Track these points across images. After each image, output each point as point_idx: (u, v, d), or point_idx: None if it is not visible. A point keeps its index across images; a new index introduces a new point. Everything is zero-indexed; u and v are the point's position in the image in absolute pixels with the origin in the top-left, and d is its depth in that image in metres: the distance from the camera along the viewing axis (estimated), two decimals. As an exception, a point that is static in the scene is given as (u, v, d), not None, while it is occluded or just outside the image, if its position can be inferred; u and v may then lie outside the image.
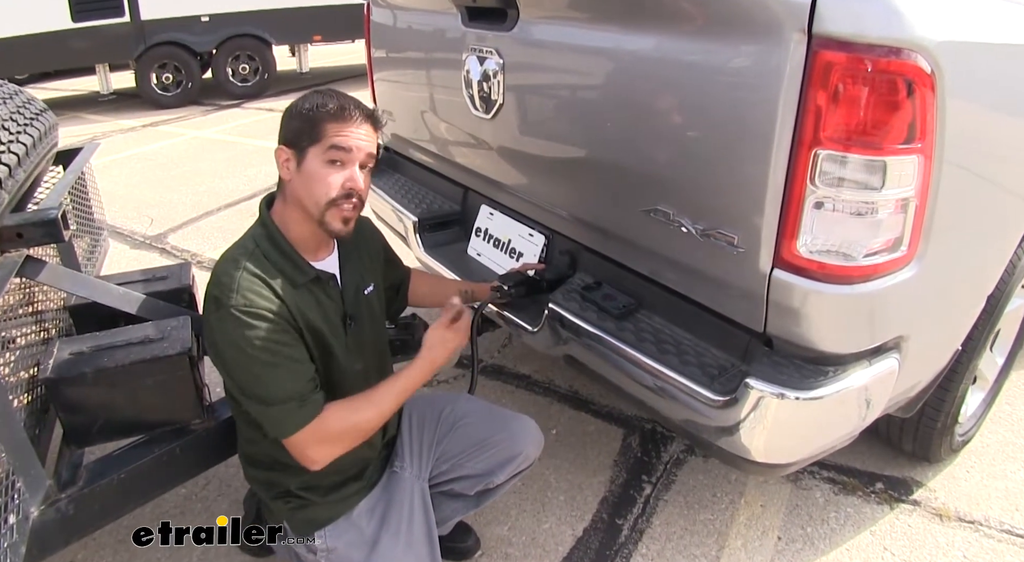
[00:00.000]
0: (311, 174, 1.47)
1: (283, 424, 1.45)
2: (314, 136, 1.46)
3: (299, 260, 1.52)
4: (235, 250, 1.51)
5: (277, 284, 1.46)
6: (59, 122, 2.38)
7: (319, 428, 1.46)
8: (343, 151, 1.47)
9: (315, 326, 1.52)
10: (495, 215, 2.38)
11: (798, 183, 1.33)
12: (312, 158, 1.47)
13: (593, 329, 1.76)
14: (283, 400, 1.43)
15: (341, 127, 1.47)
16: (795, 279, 1.41)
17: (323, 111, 1.46)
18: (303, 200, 1.50)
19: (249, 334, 1.40)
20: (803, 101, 1.28)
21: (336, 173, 1.48)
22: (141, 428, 1.74)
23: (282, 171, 1.51)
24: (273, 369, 1.42)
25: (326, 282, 1.57)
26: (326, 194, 1.48)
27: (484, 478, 1.79)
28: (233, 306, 1.40)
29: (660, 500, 2.28)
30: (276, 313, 1.44)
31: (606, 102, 1.74)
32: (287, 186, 1.52)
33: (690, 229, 1.53)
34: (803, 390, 1.43)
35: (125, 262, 4.24)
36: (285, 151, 1.50)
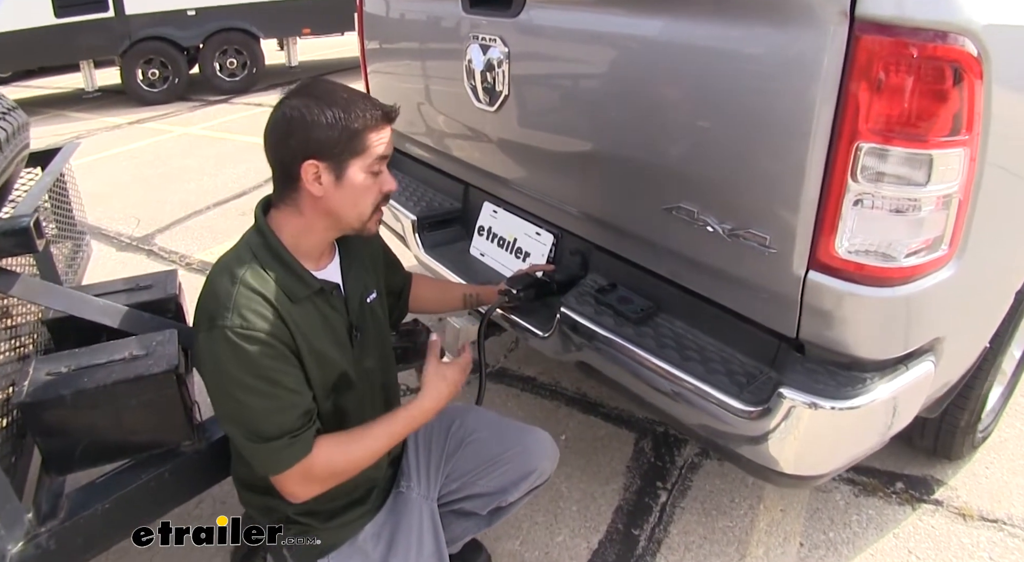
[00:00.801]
0: (356, 187, 1.36)
1: (269, 462, 1.35)
2: (357, 148, 1.34)
3: (301, 271, 1.41)
4: (231, 261, 1.38)
5: (277, 301, 1.34)
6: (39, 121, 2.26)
7: (305, 468, 1.36)
8: (385, 159, 1.39)
9: (317, 347, 1.41)
10: (499, 213, 2.26)
11: (837, 179, 1.22)
12: (356, 171, 1.35)
13: (611, 335, 1.65)
14: (274, 437, 1.32)
15: (381, 134, 1.36)
16: (832, 281, 1.30)
17: (364, 120, 1.33)
18: (342, 212, 1.39)
19: (243, 360, 1.29)
20: (843, 90, 1.18)
21: (376, 181, 1.39)
22: (126, 452, 1.63)
23: (313, 187, 1.34)
24: (266, 401, 1.31)
25: (330, 293, 1.46)
26: (373, 202, 1.40)
27: (497, 496, 1.69)
28: (228, 327, 1.28)
29: (676, 507, 2.21)
30: (275, 336, 1.32)
31: (623, 93, 1.62)
32: (315, 200, 1.37)
33: (716, 228, 1.42)
34: (840, 399, 1.33)
35: (111, 265, 4.12)
36: (317, 165, 1.32)
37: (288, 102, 1.34)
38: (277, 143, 1.35)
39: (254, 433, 1.32)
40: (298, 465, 1.34)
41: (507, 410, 2.68)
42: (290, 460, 1.34)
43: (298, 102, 1.32)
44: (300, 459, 1.34)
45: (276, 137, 1.34)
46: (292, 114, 1.31)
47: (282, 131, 1.33)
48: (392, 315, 1.82)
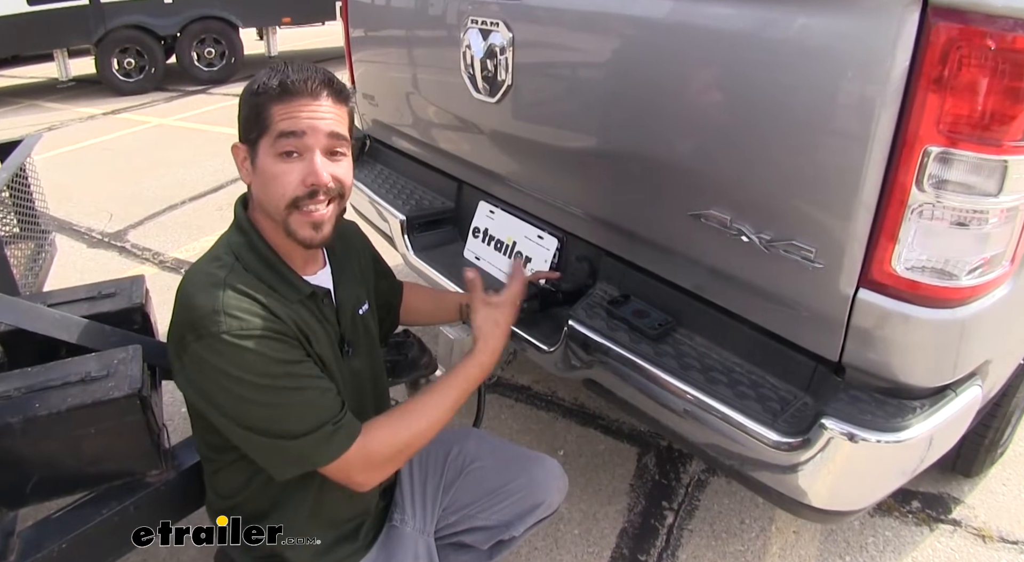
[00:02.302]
0: (266, 172, 1.19)
1: (319, 454, 1.18)
2: (261, 125, 1.17)
3: (289, 274, 1.24)
4: (208, 265, 1.21)
5: (271, 301, 1.18)
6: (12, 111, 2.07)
7: (363, 453, 1.21)
8: (293, 137, 1.17)
9: (317, 351, 1.25)
10: (496, 213, 2.10)
11: (899, 186, 1.07)
12: (263, 153, 1.19)
13: (627, 353, 1.50)
14: (315, 427, 1.16)
15: (288, 107, 1.16)
16: (885, 301, 1.16)
17: (265, 92, 1.17)
18: (264, 205, 1.22)
19: (251, 360, 1.12)
20: (911, 85, 1.03)
21: (292, 167, 1.18)
22: (86, 483, 1.45)
23: (242, 173, 1.24)
24: (294, 395, 1.15)
25: (321, 300, 1.29)
26: (282, 195, 1.19)
27: (500, 530, 1.53)
28: (224, 332, 1.10)
29: (684, 530, 2.08)
30: (278, 331, 1.16)
31: (644, 84, 1.45)
32: (251, 190, 1.25)
33: (752, 238, 1.27)
34: (889, 432, 1.19)
35: (81, 264, 3.92)
36: (241, 149, 1.23)
37: None
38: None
39: (291, 431, 1.16)
40: (356, 447, 1.20)
41: (501, 421, 2.54)
42: (344, 443, 1.19)
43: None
44: (354, 439, 1.20)
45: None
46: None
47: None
48: (383, 326, 1.66)
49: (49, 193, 4.92)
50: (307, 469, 1.20)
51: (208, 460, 1.37)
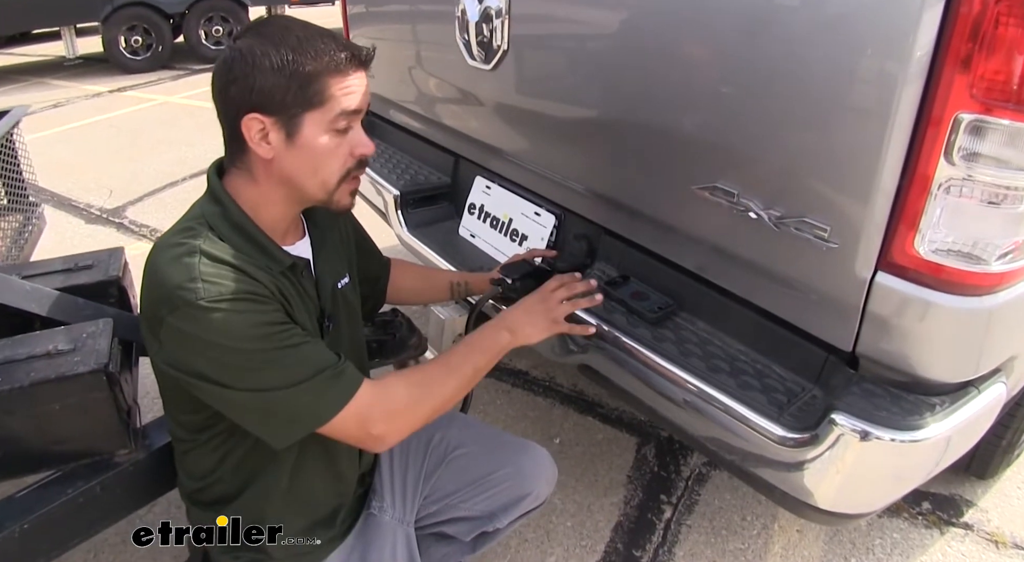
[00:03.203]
0: (316, 148, 1.10)
1: (318, 406, 1.09)
2: (313, 99, 1.07)
3: (268, 244, 1.15)
4: (178, 236, 1.11)
5: (249, 266, 1.09)
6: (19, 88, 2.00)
7: (382, 397, 1.14)
8: (356, 114, 1.11)
9: (301, 323, 1.16)
10: (493, 189, 2.01)
11: (925, 157, 0.97)
12: (313, 127, 1.08)
13: (623, 337, 1.41)
14: (312, 375, 1.08)
15: (346, 81, 1.08)
16: (906, 286, 1.06)
17: (321, 62, 1.06)
18: (301, 180, 1.13)
19: (236, 323, 1.03)
20: (942, 44, 0.92)
21: (344, 140, 1.12)
22: (52, 461, 1.38)
23: (259, 147, 1.10)
24: (288, 352, 1.07)
25: (300, 271, 1.20)
26: (340, 168, 1.13)
27: (483, 522, 1.45)
28: (201, 299, 1.01)
29: (682, 525, 1.99)
30: (262, 295, 1.07)
31: (648, 48, 1.35)
32: (267, 164, 1.12)
33: (761, 215, 1.17)
34: (906, 430, 1.09)
35: (78, 240, 3.85)
36: (261, 120, 1.08)
37: (233, 43, 1.09)
38: (218, 93, 1.10)
39: (287, 382, 1.06)
40: (369, 392, 1.12)
41: (496, 407, 2.46)
42: (349, 388, 1.11)
43: (244, 42, 1.07)
44: (359, 384, 1.12)
45: (217, 85, 1.10)
46: (233, 57, 1.06)
47: (223, 78, 1.08)
48: (367, 304, 1.58)
49: (51, 169, 4.94)
50: (313, 426, 1.10)
51: (180, 440, 1.29)
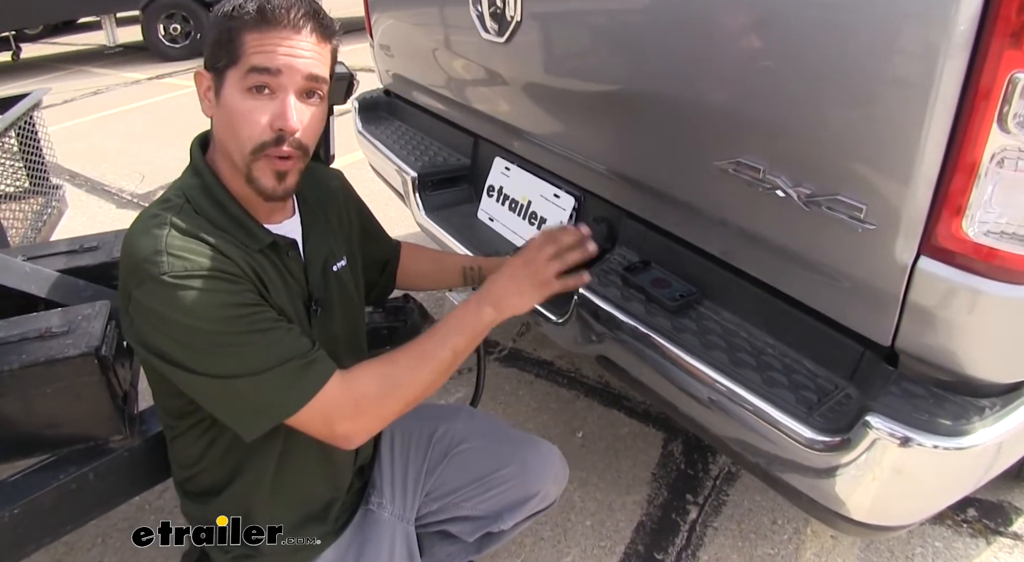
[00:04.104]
0: (230, 108, 1.03)
1: (284, 397, 1.02)
2: (231, 53, 1.02)
3: (247, 220, 1.09)
4: (155, 207, 1.07)
5: (222, 243, 1.03)
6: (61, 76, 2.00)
7: (349, 392, 1.05)
8: (268, 73, 1.01)
9: (280, 304, 1.09)
10: (512, 170, 1.92)
11: (975, 125, 0.85)
12: (230, 86, 1.03)
13: (639, 326, 1.31)
14: (278, 363, 1.00)
15: (264, 38, 1.01)
16: (952, 273, 0.94)
17: (239, 16, 1.01)
18: (226, 144, 1.06)
19: (199, 302, 0.97)
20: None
21: (263, 107, 1.03)
22: (46, 446, 1.35)
23: (203, 105, 1.08)
24: (255, 336, 1.00)
25: (284, 251, 1.14)
26: (251, 137, 1.03)
27: (487, 522, 1.38)
28: (165, 273, 0.96)
29: (708, 527, 1.88)
30: (230, 273, 1.01)
31: (671, 12, 1.25)
32: (217, 135, 1.09)
33: (790, 193, 1.06)
34: (951, 436, 0.98)
35: (108, 223, 3.88)
36: (205, 76, 1.07)
37: None
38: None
39: (251, 369, 0.99)
40: (336, 385, 1.04)
41: (518, 398, 2.38)
42: (317, 380, 1.03)
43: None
44: (328, 376, 1.04)
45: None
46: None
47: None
48: (375, 290, 1.50)
49: (87, 154, 4.99)
50: (278, 417, 1.02)
51: (167, 427, 1.24)
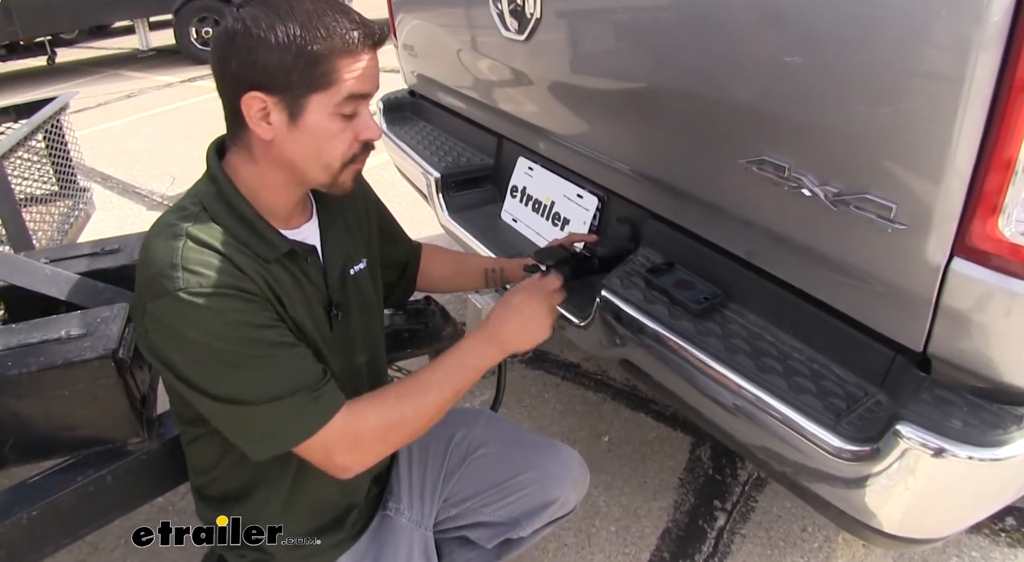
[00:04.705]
0: (320, 132, 1.02)
1: (289, 428, 1.02)
2: (319, 80, 0.98)
3: (265, 228, 1.07)
4: (172, 215, 1.05)
5: (237, 255, 1.01)
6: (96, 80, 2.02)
7: (351, 426, 1.05)
8: (364, 98, 1.03)
9: (292, 315, 1.08)
10: (535, 170, 1.89)
11: (1010, 121, 0.80)
12: (318, 110, 1.00)
13: (662, 330, 1.27)
14: (287, 394, 1.00)
15: (356, 63, 1.00)
16: (987, 275, 0.89)
17: (330, 41, 0.97)
18: (302, 164, 1.05)
19: (213, 320, 0.96)
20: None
21: (350, 124, 1.04)
22: (65, 448, 1.35)
23: (259, 127, 1.01)
24: (266, 360, 1.00)
25: (303, 258, 1.12)
26: (344, 153, 1.05)
27: (506, 528, 1.35)
28: (180, 289, 0.95)
29: (736, 534, 1.84)
30: (244, 290, 0.99)
31: (688, 7, 1.21)
32: (267, 145, 1.04)
33: (816, 192, 1.01)
34: (985, 446, 0.93)
35: (139, 224, 3.94)
36: (263, 98, 0.99)
37: (236, 12, 0.99)
38: (217, 65, 1.01)
39: (259, 398, 1.00)
40: (337, 423, 1.03)
41: (544, 401, 2.35)
42: (324, 413, 1.03)
43: (247, 12, 0.98)
44: (336, 410, 1.04)
45: (216, 56, 1.01)
46: (235, 28, 0.97)
47: (222, 51, 0.99)
48: (395, 293, 1.49)
49: (120, 157, 5.07)
50: (282, 447, 1.04)
51: (183, 432, 1.24)
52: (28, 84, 8.35)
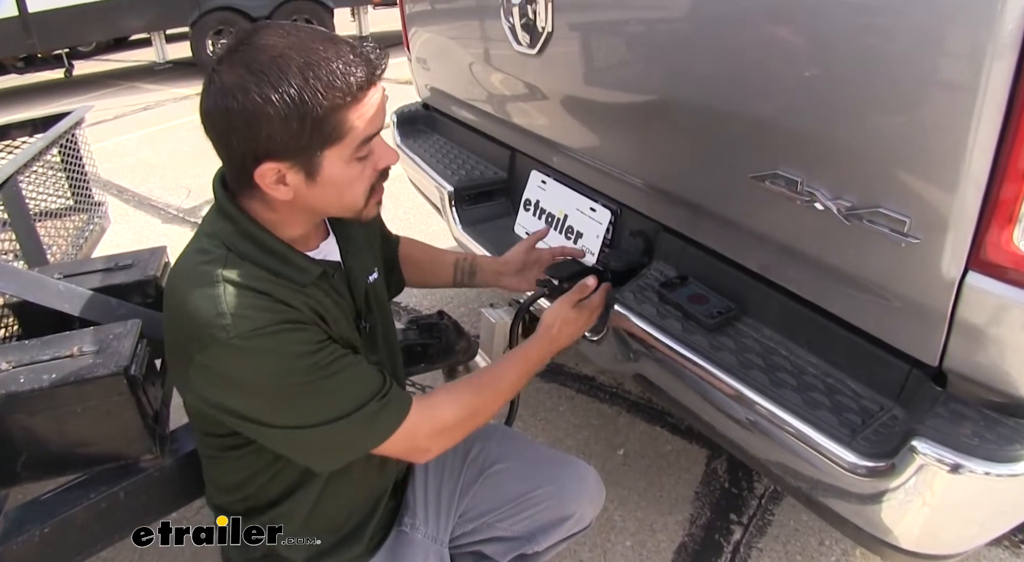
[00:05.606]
0: (340, 181, 1.00)
1: (364, 438, 1.05)
2: (330, 135, 0.95)
3: (295, 256, 1.06)
4: (194, 259, 1.03)
5: (277, 289, 1.00)
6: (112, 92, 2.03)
7: (432, 417, 1.11)
8: (378, 136, 1.03)
9: (340, 332, 1.09)
10: (548, 183, 1.89)
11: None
12: (334, 161, 0.98)
13: (675, 344, 1.26)
14: (354, 408, 1.02)
15: (363, 106, 0.96)
16: (1003, 288, 0.88)
17: (332, 96, 0.92)
18: (324, 208, 1.07)
19: (272, 361, 0.96)
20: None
21: (368, 161, 1.02)
22: (77, 464, 1.35)
23: (277, 191, 0.99)
24: (329, 382, 1.00)
25: (332, 275, 1.12)
26: (367, 189, 1.05)
27: (521, 543, 1.34)
28: (233, 337, 0.93)
29: (753, 548, 1.82)
30: (296, 320, 0.99)
31: (702, 19, 1.21)
32: (286, 201, 1.02)
33: (829, 205, 1.00)
34: (1003, 462, 0.91)
35: (154, 238, 3.95)
36: (276, 167, 0.96)
37: (221, 78, 0.92)
38: (217, 140, 0.97)
39: (330, 417, 1.01)
40: (418, 416, 1.08)
41: (559, 414, 2.34)
42: (393, 418, 1.06)
43: (234, 83, 0.91)
44: (406, 411, 1.07)
45: (215, 134, 0.97)
46: (227, 105, 0.91)
47: (221, 128, 0.95)
48: (390, 289, 1.48)
49: (136, 170, 5.11)
50: (355, 456, 1.09)
51: (205, 455, 1.23)
52: (45, 96, 8.44)
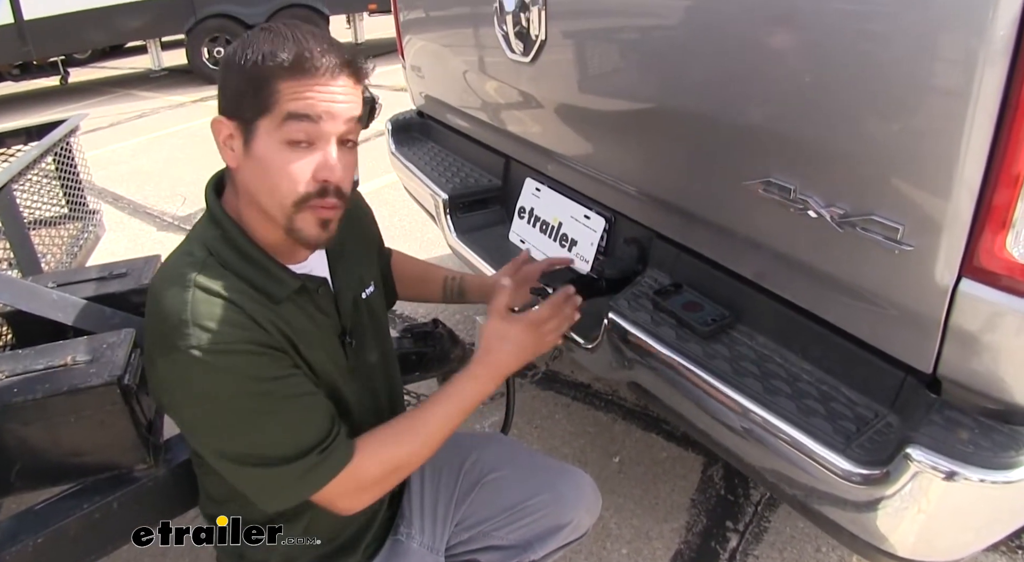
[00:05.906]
0: (267, 161, 0.98)
1: (304, 484, 1.03)
2: (263, 102, 0.96)
3: (274, 267, 1.05)
4: (177, 261, 1.04)
5: (250, 303, 1.00)
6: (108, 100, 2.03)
7: (353, 476, 1.06)
8: (309, 121, 0.96)
9: (307, 357, 1.07)
10: (542, 191, 1.89)
11: (1017, 138, 0.80)
12: (265, 135, 0.97)
13: (669, 352, 1.26)
14: (297, 456, 1.00)
15: (301, 85, 0.95)
16: (996, 295, 0.88)
17: (271, 62, 0.95)
18: (259, 196, 1.02)
19: (226, 380, 0.96)
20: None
21: (303, 158, 0.98)
22: (71, 474, 1.34)
23: (225, 154, 1.02)
24: (277, 417, 0.99)
25: (314, 291, 1.11)
26: (292, 191, 0.99)
27: (517, 552, 1.33)
28: (193, 346, 0.93)
29: (749, 556, 1.82)
30: (260, 343, 0.98)
31: (694, 26, 1.22)
32: (235, 175, 1.04)
33: (822, 213, 1.01)
34: (997, 469, 0.91)
35: (149, 246, 3.94)
36: (226, 124, 1.00)
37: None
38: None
39: (269, 459, 1.00)
40: (344, 474, 1.05)
41: (554, 422, 2.33)
42: (328, 472, 1.04)
43: (231, 45, 1.01)
44: (344, 466, 1.04)
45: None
46: (227, 53, 1.01)
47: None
48: (388, 301, 1.48)
49: (132, 177, 5.10)
50: (291, 503, 1.06)
51: (197, 464, 1.24)
52: (41, 104, 8.43)
